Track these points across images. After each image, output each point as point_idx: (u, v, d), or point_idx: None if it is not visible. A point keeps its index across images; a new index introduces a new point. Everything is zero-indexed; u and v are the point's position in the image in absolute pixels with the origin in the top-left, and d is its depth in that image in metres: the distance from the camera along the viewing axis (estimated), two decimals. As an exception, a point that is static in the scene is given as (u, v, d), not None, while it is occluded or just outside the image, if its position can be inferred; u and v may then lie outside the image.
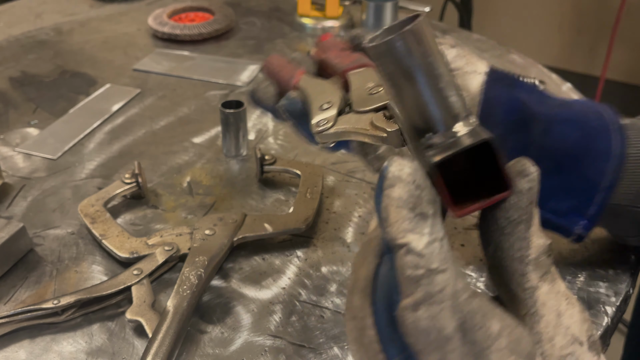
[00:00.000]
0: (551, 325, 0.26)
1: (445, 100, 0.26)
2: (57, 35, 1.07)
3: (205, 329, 0.52)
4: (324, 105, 0.43)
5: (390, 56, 0.25)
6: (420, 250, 0.23)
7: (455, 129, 0.26)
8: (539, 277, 0.27)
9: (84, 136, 0.79)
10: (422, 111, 0.26)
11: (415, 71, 0.25)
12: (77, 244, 0.61)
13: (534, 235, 0.27)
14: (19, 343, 0.51)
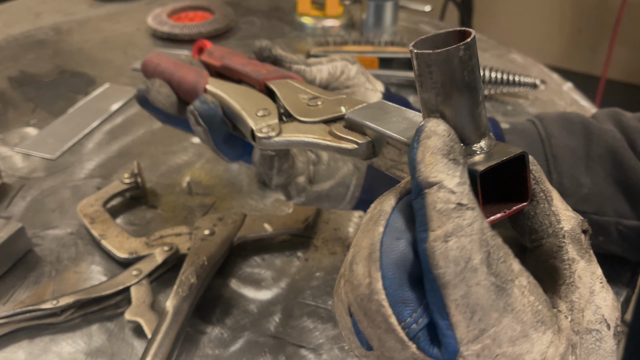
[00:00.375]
0: (584, 299, 0.28)
1: (480, 114, 0.27)
2: (56, 34, 1.07)
3: (205, 330, 0.52)
4: (260, 112, 0.41)
5: (448, 65, 0.26)
6: (453, 187, 0.25)
7: (481, 144, 0.28)
8: (577, 250, 0.28)
9: (83, 136, 0.78)
10: (463, 122, 0.27)
11: (465, 83, 0.26)
12: (76, 244, 0.61)
13: (559, 210, 0.29)
14: (18, 343, 0.51)
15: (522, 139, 0.51)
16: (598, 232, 0.51)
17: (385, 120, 0.33)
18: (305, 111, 0.40)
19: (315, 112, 0.40)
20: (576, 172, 0.50)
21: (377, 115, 0.34)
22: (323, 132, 0.38)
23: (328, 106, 0.39)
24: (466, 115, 0.27)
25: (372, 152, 0.34)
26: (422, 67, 0.26)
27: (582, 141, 0.51)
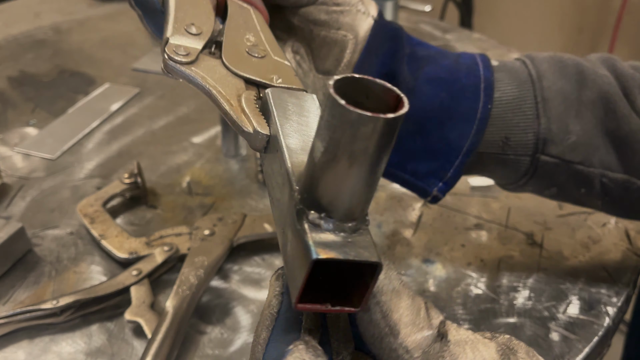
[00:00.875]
0: None
1: (367, 195, 0.24)
2: (55, 34, 1.07)
3: (205, 330, 0.52)
4: (191, 28, 0.35)
5: (357, 129, 0.21)
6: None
7: (349, 224, 0.24)
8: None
9: (83, 136, 0.78)
10: (339, 191, 0.23)
11: (366, 156, 0.22)
12: (76, 244, 0.61)
13: (406, 338, 0.26)
14: (17, 344, 0.51)
15: (510, 78, 0.47)
16: (581, 183, 0.48)
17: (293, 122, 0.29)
18: (237, 57, 0.34)
19: (245, 63, 0.34)
20: (566, 118, 0.47)
21: (293, 111, 0.30)
22: (233, 91, 0.32)
23: (263, 65, 0.34)
24: (352, 190, 0.23)
25: (263, 147, 0.31)
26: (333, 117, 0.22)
27: (574, 85, 0.47)
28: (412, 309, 0.26)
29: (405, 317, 0.26)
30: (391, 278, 0.26)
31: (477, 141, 0.46)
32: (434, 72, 0.47)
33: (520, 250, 0.60)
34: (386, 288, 0.26)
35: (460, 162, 0.47)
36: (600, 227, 0.63)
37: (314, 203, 0.24)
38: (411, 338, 0.26)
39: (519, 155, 0.47)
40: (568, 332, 0.52)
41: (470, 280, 0.57)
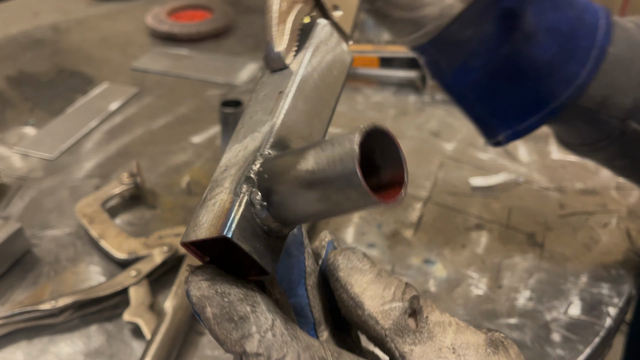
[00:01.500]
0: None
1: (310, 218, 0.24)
2: (54, 33, 1.07)
3: (204, 331, 0.52)
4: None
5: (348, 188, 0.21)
6: (256, 351, 0.23)
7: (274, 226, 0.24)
8: (405, 342, 0.26)
9: (81, 136, 0.78)
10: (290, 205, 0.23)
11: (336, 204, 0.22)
12: (74, 244, 0.61)
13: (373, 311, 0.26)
14: (16, 344, 0.51)
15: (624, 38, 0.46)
16: None
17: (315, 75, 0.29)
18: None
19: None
20: None
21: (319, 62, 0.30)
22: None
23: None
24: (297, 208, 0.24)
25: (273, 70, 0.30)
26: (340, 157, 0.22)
27: None
28: (377, 284, 0.26)
29: (369, 291, 0.26)
30: (350, 259, 0.27)
31: (569, 102, 0.46)
32: (557, 22, 0.45)
33: (521, 251, 0.60)
34: (343, 266, 0.27)
35: (545, 116, 0.47)
36: (601, 227, 0.63)
37: (264, 184, 0.24)
38: (377, 309, 0.26)
39: (612, 117, 0.47)
40: (569, 332, 0.51)
41: (471, 280, 0.57)
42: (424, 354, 0.25)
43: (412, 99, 0.86)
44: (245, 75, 0.93)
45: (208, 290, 0.24)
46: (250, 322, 0.23)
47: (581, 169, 0.72)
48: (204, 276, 0.24)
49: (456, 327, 0.26)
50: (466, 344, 0.26)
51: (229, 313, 0.24)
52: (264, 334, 0.23)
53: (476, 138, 0.78)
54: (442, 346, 0.26)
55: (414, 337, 0.26)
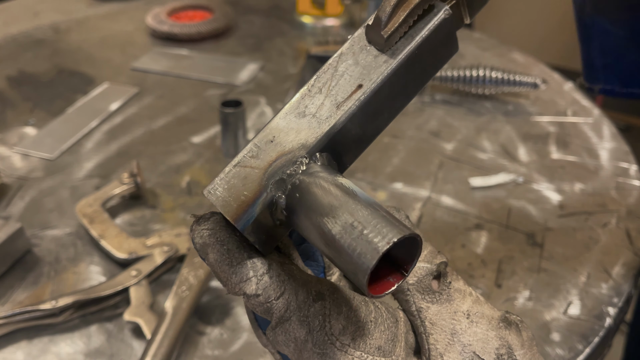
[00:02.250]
0: (442, 343, 0.27)
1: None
2: (54, 33, 1.07)
3: (204, 330, 0.52)
4: None
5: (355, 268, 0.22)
6: (255, 292, 0.25)
7: None
8: (424, 299, 0.27)
9: (82, 136, 0.78)
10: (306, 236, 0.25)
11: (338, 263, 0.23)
12: (75, 244, 0.61)
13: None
14: (16, 344, 0.51)
15: None
16: None
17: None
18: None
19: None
20: None
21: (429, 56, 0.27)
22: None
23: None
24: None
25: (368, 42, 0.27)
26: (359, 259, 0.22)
27: None
28: None
29: None
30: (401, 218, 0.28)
31: None
32: None
33: (520, 251, 0.60)
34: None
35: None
36: (600, 227, 0.63)
37: (291, 200, 0.25)
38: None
39: None
40: (569, 332, 0.51)
41: (470, 280, 0.57)
42: (439, 313, 0.27)
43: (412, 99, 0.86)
44: (245, 76, 0.93)
45: (209, 239, 0.26)
46: (248, 266, 0.25)
47: (581, 169, 0.72)
48: (206, 225, 0.26)
49: (476, 298, 0.28)
50: (481, 314, 0.27)
51: (228, 259, 0.25)
52: (260, 277, 0.25)
53: (476, 138, 0.78)
54: (458, 310, 0.27)
55: (433, 297, 0.27)
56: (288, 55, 0.99)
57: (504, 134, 0.78)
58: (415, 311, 0.28)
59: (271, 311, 0.25)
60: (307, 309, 0.26)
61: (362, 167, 0.72)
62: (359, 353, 0.26)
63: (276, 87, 0.90)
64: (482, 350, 0.27)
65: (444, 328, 0.27)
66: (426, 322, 0.27)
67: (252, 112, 0.83)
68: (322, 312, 0.26)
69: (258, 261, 0.25)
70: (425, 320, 0.27)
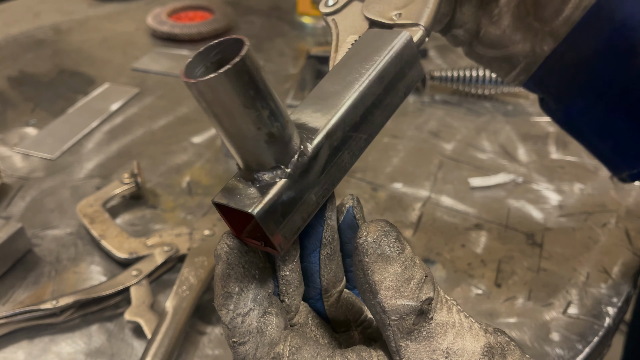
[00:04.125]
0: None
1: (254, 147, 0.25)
2: (55, 34, 1.07)
3: (205, 330, 0.52)
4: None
5: (212, 95, 0.23)
6: (226, 324, 0.27)
7: (254, 175, 0.26)
8: (403, 337, 0.26)
9: (82, 136, 0.78)
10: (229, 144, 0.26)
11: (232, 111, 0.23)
12: (75, 244, 0.61)
13: (385, 300, 0.26)
14: (17, 344, 0.51)
15: None
16: None
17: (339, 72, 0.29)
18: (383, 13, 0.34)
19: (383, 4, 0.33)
20: None
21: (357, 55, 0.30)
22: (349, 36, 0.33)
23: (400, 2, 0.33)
24: (228, 144, 0.25)
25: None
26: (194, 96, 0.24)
27: None
28: (400, 277, 0.26)
29: (388, 281, 0.26)
30: (381, 244, 0.26)
31: None
32: None
33: (520, 251, 0.60)
34: (372, 251, 0.26)
35: None
36: (600, 227, 0.63)
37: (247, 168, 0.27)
38: (390, 301, 0.26)
39: None
40: (568, 332, 0.51)
41: (470, 280, 0.57)
42: (417, 351, 0.26)
43: (412, 99, 0.87)
44: (245, 76, 0.93)
45: (223, 255, 0.27)
46: (232, 300, 0.27)
47: (580, 169, 0.72)
48: (228, 243, 0.27)
49: (459, 329, 0.27)
50: (462, 350, 0.26)
51: (224, 281, 0.27)
52: (235, 316, 0.27)
53: (475, 138, 0.78)
54: (437, 348, 0.26)
55: (412, 335, 0.26)
56: (288, 56, 0.99)
57: (504, 134, 0.79)
58: (394, 347, 0.27)
59: (233, 348, 0.27)
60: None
61: (362, 167, 0.72)
62: None
63: (276, 87, 0.90)
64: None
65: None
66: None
67: (252, 112, 0.83)
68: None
69: (242, 301, 0.27)
70: (403, 358, 0.27)
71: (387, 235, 0.26)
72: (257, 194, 0.25)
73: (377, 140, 0.29)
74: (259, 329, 0.27)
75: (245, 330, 0.27)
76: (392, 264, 0.26)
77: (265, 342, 0.27)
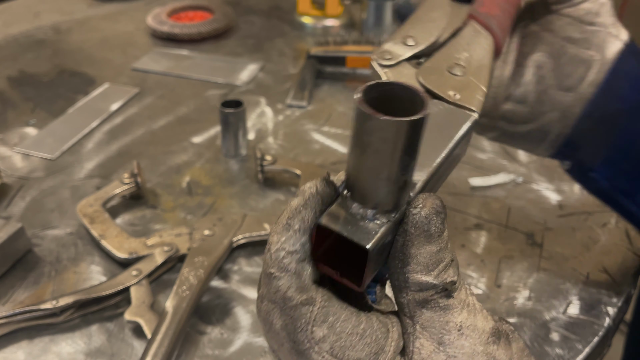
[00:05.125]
0: (427, 349, 0.28)
1: (383, 188, 0.26)
2: (55, 34, 1.07)
3: (205, 330, 0.52)
4: (407, 40, 0.37)
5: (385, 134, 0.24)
6: (272, 253, 0.27)
7: (364, 212, 0.26)
8: (420, 304, 0.28)
9: (82, 136, 0.78)
10: (356, 177, 0.26)
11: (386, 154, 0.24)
12: (75, 244, 0.61)
13: (412, 272, 0.27)
14: (17, 344, 0.51)
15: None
16: None
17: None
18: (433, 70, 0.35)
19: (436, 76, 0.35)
20: None
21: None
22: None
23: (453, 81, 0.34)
24: (361, 177, 0.26)
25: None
26: (353, 110, 0.24)
27: None
28: (433, 257, 0.27)
29: (421, 257, 0.27)
30: (430, 221, 0.27)
31: None
32: None
33: (520, 251, 0.60)
34: (419, 225, 0.27)
35: None
36: (600, 227, 0.63)
37: (347, 180, 0.27)
38: (416, 275, 0.27)
39: None
40: (568, 332, 0.51)
41: (470, 280, 0.57)
42: (431, 319, 0.28)
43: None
44: (245, 76, 0.93)
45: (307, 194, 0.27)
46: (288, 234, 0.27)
47: (580, 169, 0.72)
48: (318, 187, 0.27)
49: (472, 309, 0.28)
50: (473, 327, 0.28)
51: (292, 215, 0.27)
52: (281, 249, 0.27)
53: (475, 138, 0.78)
54: (451, 320, 0.28)
55: (429, 304, 0.28)
56: (288, 56, 0.99)
57: (504, 134, 0.79)
58: (408, 312, 0.28)
59: (267, 280, 0.27)
60: (291, 307, 0.27)
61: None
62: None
63: (276, 87, 0.90)
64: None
65: (432, 335, 0.28)
66: (417, 326, 0.28)
67: (252, 112, 0.83)
68: (306, 316, 0.27)
69: (293, 240, 0.27)
70: (416, 323, 0.28)
71: (437, 215, 0.28)
72: (370, 231, 0.26)
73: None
74: (296, 270, 0.27)
75: (284, 266, 0.27)
76: (431, 244, 0.27)
77: (299, 285, 0.27)
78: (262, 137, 0.78)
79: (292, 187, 0.69)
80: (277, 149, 0.76)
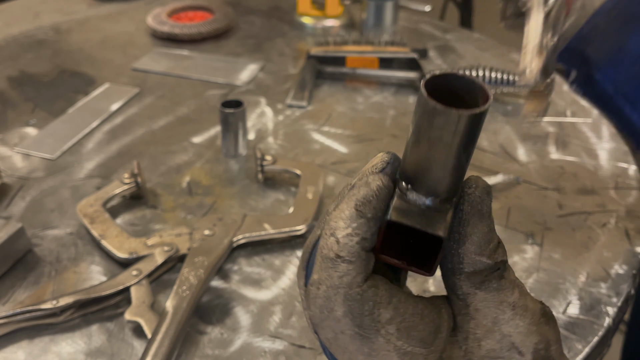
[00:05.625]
0: (482, 328, 0.28)
1: (448, 177, 0.26)
2: (55, 34, 1.07)
3: (205, 330, 0.52)
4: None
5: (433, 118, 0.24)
6: (339, 237, 0.26)
7: (431, 199, 0.27)
8: (474, 285, 0.28)
9: (82, 136, 0.78)
10: (420, 169, 0.27)
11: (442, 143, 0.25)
12: (75, 244, 0.61)
13: (467, 252, 0.28)
14: (17, 344, 0.51)
15: None
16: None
17: None
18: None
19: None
20: None
21: None
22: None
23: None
24: (436, 171, 0.26)
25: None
26: (419, 105, 0.25)
27: None
28: (485, 236, 0.28)
29: (475, 237, 0.27)
30: (482, 200, 0.28)
31: None
32: None
33: (520, 250, 0.60)
34: (475, 204, 0.27)
35: None
36: (600, 227, 0.63)
37: (405, 173, 0.28)
38: (471, 255, 0.27)
39: None
40: (568, 332, 0.52)
41: (470, 280, 0.57)
42: (485, 300, 0.28)
43: (412, 99, 0.87)
44: (245, 76, 0.93)
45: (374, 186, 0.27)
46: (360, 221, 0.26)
47: (580, 169, 0.72)
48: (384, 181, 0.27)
49: (522, 289, 0.29)
50: (525, 307, 0.28)
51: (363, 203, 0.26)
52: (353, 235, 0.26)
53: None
54: (505, 300, 0.28)
55: (483, 285, 0.28)
56: (288, 56, 0.99)
57: (504, 134, 0.79)
58: (461, 294, 0.28)
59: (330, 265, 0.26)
60: (357, 292, 0.26)
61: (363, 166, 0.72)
62: (400, 343, 0.27)
63: (276, 87, 0.90)
64: (522, 343, 0.28)
65: (487, 315, 0.28)
66: (470, 307, 0.28)
67: (252, 112, 0.83)
68: (373, 299, 0.27)
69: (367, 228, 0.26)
70: (470, 305, 0.28)
71: (488, 195, 0.28)
72: (439, 219, 0.27)
73: (377, 139, 0.30)
74: (367, 257, 0.27)
75: (356, 252, 0.26)
76: (483, 223, 0.28)
77: (366, 271, 0.27)
78: (262, 137, 0.78)
79: (292, 187, 0.69)
80: (277, 149, 0.76)
